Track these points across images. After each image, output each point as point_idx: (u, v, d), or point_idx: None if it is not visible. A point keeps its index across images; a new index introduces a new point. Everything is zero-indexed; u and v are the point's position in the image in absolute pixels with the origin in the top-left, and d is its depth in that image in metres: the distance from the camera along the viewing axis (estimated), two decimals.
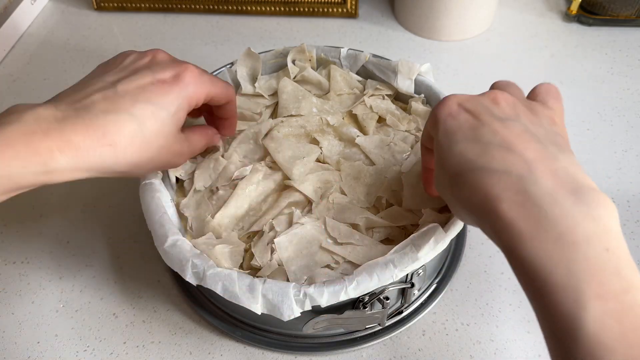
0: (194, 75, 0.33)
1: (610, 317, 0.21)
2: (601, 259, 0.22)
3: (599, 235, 0.23)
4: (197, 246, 0.36)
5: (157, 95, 0.31)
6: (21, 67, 0.65)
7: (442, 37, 0.65)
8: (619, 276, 0.22)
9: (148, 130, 0.31)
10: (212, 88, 0.35)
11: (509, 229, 0.24)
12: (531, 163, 0.25)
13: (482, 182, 0.25)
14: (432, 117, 0.30)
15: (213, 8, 0.70)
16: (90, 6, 0.73)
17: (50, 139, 0.28)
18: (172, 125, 0.32)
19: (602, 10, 0.65)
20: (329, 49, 0.49)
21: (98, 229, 0.49)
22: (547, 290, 0.22)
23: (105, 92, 0.30)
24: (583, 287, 0.21)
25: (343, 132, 0.44)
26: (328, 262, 0.36)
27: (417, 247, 0.34)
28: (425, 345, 0.41)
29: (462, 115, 0.29)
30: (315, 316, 0.36)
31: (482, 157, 0.26)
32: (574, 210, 0.23)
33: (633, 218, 0.47)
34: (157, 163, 0.33)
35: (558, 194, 0.24)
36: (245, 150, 0.43)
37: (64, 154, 0.28)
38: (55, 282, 0.45)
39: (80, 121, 0.29)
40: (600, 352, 0.21)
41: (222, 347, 0.41)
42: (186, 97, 0.33)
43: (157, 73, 0.32)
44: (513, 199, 0.24)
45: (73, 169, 0.29)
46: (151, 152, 0.32)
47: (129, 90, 0.31)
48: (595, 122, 0.55)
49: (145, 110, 0.30)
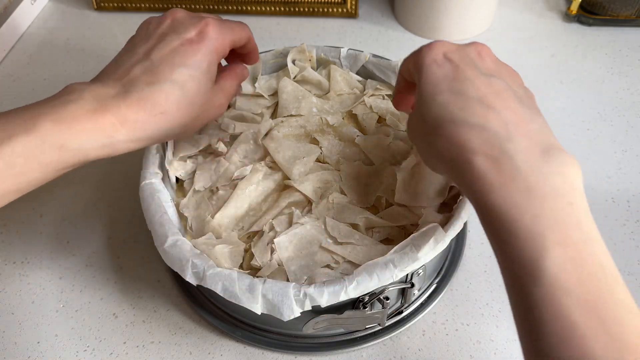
0: (216, 27, 0.34)
1: (569, 263, 0.23)
2: (565, 212, 0.24)
3: (565, 190, 0.25)
4: (197, 246, 0.36)
5: (189, 56, 0.33)
6: (21, 67, 0.65)
7: (442, 37, 0.65)
8: (579, 228, 0.24)
9: (190, 92, 0.32)
10: (233, 34, 0.36)
11: (481, 179, 0.25)
12: (508, 122, 0.27)
13: (460, 135, 0.27)
14: (417, 57, 0.31)
15: (213, 8, 0.70)
16: (90, 6, 0.73)
17: (110, 114, 0.30)
18: (208, 82, 0.34)
19: (602, 10, 0.65)
20: (329, 49, 0.49)
21: (98, 229, 0.49)
22: (513, 237, 0.24)
23: (143, 64, 0.32)
24: (547, 234, 0.23)
25: (343, 132, 0.44)
26: (328, 262, 0.36)
27: (417, 247, 0.34)
28: (425, 345, 0.41)
29: (448, 65, 0.30)
30: (315, 316, 0.36)
31: (463, 111, 0.27)
32: (544, 167, 0.25)
33: (633, 218, 0.47)
34: (203, 119, 0.35)
35: (530, 152, 0.26)
36: (245, 151, 0.43)
37: (124, 128, 0.30)
38: (55, 282, 0.45)
39: (130, 96, 0.30)
40: (558, 293, 0.22)
41: (222, 347, 0.41)
42: (214, 50, 0.34)
43: (182, 34, 0.33)
44: (488, 152, 0.26)
45: (133, 140, 0.31)
46: (197, 111, 0.33)
47: (162, 57, 0.32)
48: (595, 122, 0.55)
49: (184, 75, 0.32)
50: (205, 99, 0.34)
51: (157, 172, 0.40)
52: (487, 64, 0.30)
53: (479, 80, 0.29)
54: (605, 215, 0.47)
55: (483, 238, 0.46)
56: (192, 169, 0.43)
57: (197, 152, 0.44)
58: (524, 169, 0.25)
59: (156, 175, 0.40)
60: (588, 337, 0.22)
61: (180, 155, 0.43)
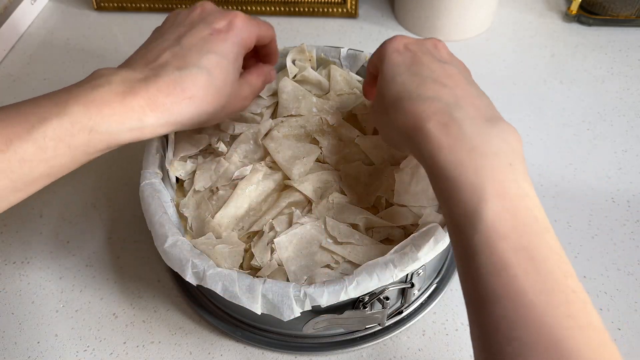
0: (244, 20, 0.36)
1: (506, 212, 0.25)
2: (504, 170, 0.27)
3: (505, 152, 0.27)
4: (197, 246, 0.36)
5: (217, 44, 0.34)
6: (21, 67, 0.65)
7: (442, 37, 0.65)
8: (517, 185, 0.26)
9: (217, 79, 0.33)
10: (259, 30, 0.37)
11: (432, 142, 0.28)
12: (458, 96, 0.30)
13: (415, 106, 0.30)
14: (380, 50, 0.35)
15: None
16: (90, 6, 0.73)
17: (140, 97, 0.30)
18: (235, 71, 0.35)
19: (602, 10, 0.65)
20: (329, 49, 0.49)
21: (98, 229, 0.49)
22: (457, 190, 0.27)
23: (173, 50, 0.33)
24: (486, 187, 0.26)
25: (343, 132, 0.44)
26: (328, 261, 0.36)
27: (417, 247, 0.34)
28: (425, 345, 0.41)
29: (407, 53, 0.34)
30: (315, 316, 0.36)
31: (419, 88, 0.31)
32: (487, 132, 0.28)
33: (633, 218, 0.47)
34: (229, 110, 0.36)
35: (476, 120, 0.29)
36: (245, 151, 0.43)
37: (153, 111, 0.31)
38: (55, 282, 0.45)
39: (159, 80, 0.31)
40: (494, 238, 0.25)
41: (222, 347, 0.41)
42: (241, 42, 0.35)
43: (211, 23, 0.35)
44: (439, 119, 0.29)
45: (162, 124, 0.31)
46: (223, 100, 0.34)
47: (192, 43, 0.33)
48: (595, 122, 0.55)
49: (212, 61, 0.33)
50: (231, 89, 0.35)
51: (157, 172, 0.40)
52: (442, 54, 0.35)
53: (434, 65, 0.33)
54: (605, 215, 0.47)
55: None
56: (192, 169, 0.43)
57: (197, 152, 0.44)
58: (469, 132, 0.28)
59: (156, 175, 0.40)
60: (520, 275, 0.24)
61: (180, 155, 0.43)
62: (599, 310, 0.42)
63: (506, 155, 0.27)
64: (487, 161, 0.27)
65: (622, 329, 0.41)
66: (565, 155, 0.52)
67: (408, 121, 0.30)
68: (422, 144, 0.29)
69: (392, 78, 0.33)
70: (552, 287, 0.24)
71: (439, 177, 0.28)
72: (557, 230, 0.46)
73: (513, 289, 0.24)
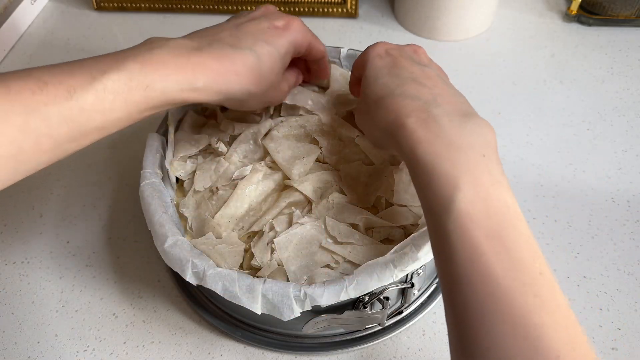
0: (301, 25, 0.39)
1: (478, 199, 0.27)
2: (478, 160, 0.28)
3: (480, 145, 0.29)
4: (197, 246, 0.36)
5: (273, 37, 0.36)
6: (21, 67, 0.65)
7: (442, 37, 0.65)
8: (490, 174, 0.28)
9: (265, 65, 0.35)
10: (314, 40, 0.40)
11: (412, 136, 0.30)
12: (436, 94, 0.32)
13: (396, 104, 0.32)
14: (363, 55, 0.38)
15: (213, 8, 0.70)
16: (90, 6, 0.73)
17: (193, 61, 0.32)
18: (282, 65, 0.37)
19: (602, 10, 0.65)
20: (329, 49, 0.49)
21: (98, 229, 0.49)
22: (434, 179, 0.28)
23: (231, 31, 0.36)
24: (461, 176, 0.27)
25: (343, 132, 0.44)
26: (328, 261, 0.36)
27: (417, 247, 0.34)
28: (425, 345, 0.41)
29: (388, 58, 0.36)
30: (315, 316, 0.36)
31: (399, 88, 0.33)
32: (463, 126, 0.30)
33: (633, 218, 0.47)
34: (267, 97, 0.38)
35: (453, 115, 0.31)
36: (245, 151, 0.43)
37: (204, 75, 0.32)
38: (55, 282, 0.45)
39: (213, 50, 0.33)
40: (468, 225, 0.26)
41: (222, 347, 0.41)
42: (294, 42, 0.38)
43: (271, 20, 0.37)
44: (418, 115, 0.31)
45: (209, 89, 0.33)
46: (265, 85, 0.36)
47: (250, 31, 0.36)
48: (595, 122, 0.55)
49: (264, 49, 0.35)
50: (274, 79, 0.37)
51: (157, 172, 0.40)
52: (422, 59, 0.37)
53: (413, 67, 0.35)
54: (605, 215, 0.47)
55: None
56: (192, 169, 0.43)
57: (197, 152, 0.44)
58: (447, 127, 0.30)
59: (156, 175, 0.40)
60: (492, 260, 0.25)
61: (180, 155, 0.43)
62: (599, 310, 0.42)
63: (480, 147, 0.29)
64: (462, 153, 0.28)
65: (622, 329, 0.41)
66: (565, 155, 0.52)
67: (389, 118, 0.32)
68: (403, 139, 0.31)
69: (375, 80, 0.35)
70: (521, 269, 0.25)
71: (417, 170, 0.29)
72: (557, 230, 0.46)
73: (484, 272, 0.25)
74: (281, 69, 0.37)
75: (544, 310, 0.24)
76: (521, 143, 0.54)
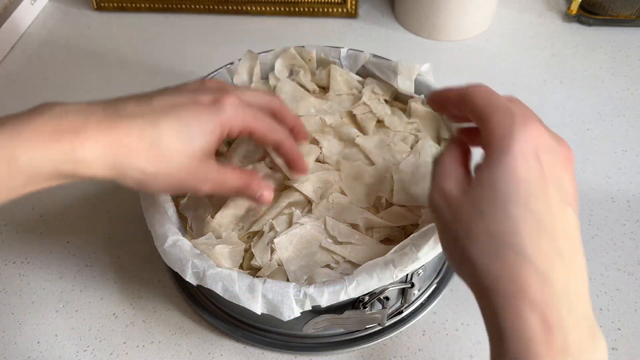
0: (234, 103, 0.32)
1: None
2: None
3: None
4: (197, 246, 0.36)
5: (188, 114, 0.31)
6: (21, 67, 0.65)
7: (442, 37, 0.65)
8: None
9: (168, 144, 0.30)
10: (253, 122, 0.33)
11: (527, 341, 0.23)
12: (570, 282, 0.24)
13: (520, 271, 0.24)
14: (504, 124, 0.26)
15: (213, 8, 0.70)
16: (90, 6, 0.73)
17: (75, 130, 0.28)
18: (197, 147, 0.31)
19: (602, 10, 0.65)
20: (329, 49, 0.49)
21: (98, 229, 0.49)
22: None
23: (140, 102, 0.30)
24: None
25: (343, 132, 0.44)
26: (328, 261, 0.36)
27: (417, 247, 0.34)
28: (425, 345, 0.41)
29: (535, 167, 0.25)
30: (315, 316, 0.36)
31: (532, 244, 0.24)
32: (590, 353, 0.24)
33: (633, 218, 0.47)
34: (175, 181, 0.31)
35: (582, 331, 0.24)
36: (245, 151, 0.43)
37: (85, 146, 0.28)
38: (55, 282, 0.45)
39: (105, 120, 0.29)
40: None
41: (222, 347, 0.41)
42: (219, 122, 0.31)
43: (197, 95, 0.32)
44: (545, 316, 0.23)
45: (93, 162, 0.28)
46: (168, 167, 0.30)
47: (162, 105, 0.30)
48: (595, 122, 0.55)
49: (170, 125, 0.30)
50: (185, 163, 0.31)
51: None
52: (567, 185, 0.26)
53: (557, 209, 0.25)
54: (605, 216, 0.47)
55: None
56: None
57: None
58: (574, 351, 0.23)
59: None
60: None
61: None
62: (599, 310, 0.42)
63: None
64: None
65: (622, 329, 0.41)
66: None
67: (503, 280, 0.24)
68: (509, 327, 0.24)
69: (504, 206, 0.25)
70: None
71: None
72: None
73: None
74: (197, 152, 0.31)
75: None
76: None
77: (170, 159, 0.30)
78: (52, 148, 0.27)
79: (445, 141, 0.44)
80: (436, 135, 0.45)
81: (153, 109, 0.30)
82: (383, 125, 0.45)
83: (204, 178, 0.32)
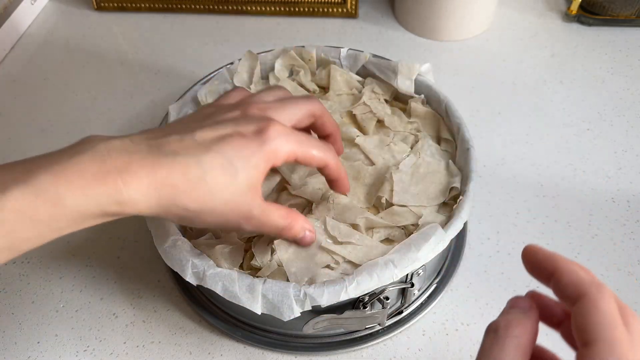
0: (279, 131, 0.31)
1: None
2: None
3: None
4: (197, 246, 0.36)
5: (232, 148, 0.30)
6: (21, 67, 0.65)
7: (442, 37, 0.65)
8: None
9: (213, 181, 0.29)
10: (299, 150, 0.32)
11: None
12: None
13: None
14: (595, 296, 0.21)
15: (213, 8, 0.70)
16: (90, 6, 0.73)
17: (118, 170, 0.27)
18: (243, 182, 0.30)
19: (602, 10, 0.65)
20: (329, 49, 0.49)
21: (98, 229, 0.49)
22: None
23: (183, 136, 0.30)
24: None
25: (343, 132, 0.44)
26: (328, 262, 0.36)
27: (417, 247, 0.34)
28: (425, 345, 0.41)
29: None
30: (315, 316, 0.36)
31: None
32: None
33: (633, 218, 0.47)
34: (220, 218, 0.31)
35: None
36: None
37: (130, 187, 0.27)
38: (55, 282, 0.45)
39: (149, 157, 0.28)
40: None
41: (222, 347, 0.41)
42: (264, 156, 0.30)
43: (240, 126, 0.31)
44: None
45: (139, 202, 0.28)
46: (214, 204, 0.30)
47: (205, 139, 0.30)
48: (595, 122, 0.55)
49: (215, 161, 0.29)
50: (230, 199, 0.30)
51: None
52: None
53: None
54: (606, 215, 0.47)
55: (483, 238, 0.46)
56: None
57: None
58: None
59: None
60: None
61: None
62: None
63: None
64: None
65: None
66: (565, 155, 0.52)
67: None
68: None
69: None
70: None
71: None
72: (557, 230, 0.46)
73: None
74: (243, 187, 0.30)
75: None
76: (521, 143, 0.54)
77: (214, 196, 0.30)
78: (97, 189, 0.27)
79: (445, 141, 0.44)
80: (436, 135, 0.45)
81: (196, 144, 0.30)
82: (383, 125, 0.45)
83: (248, 215, 0.31)
